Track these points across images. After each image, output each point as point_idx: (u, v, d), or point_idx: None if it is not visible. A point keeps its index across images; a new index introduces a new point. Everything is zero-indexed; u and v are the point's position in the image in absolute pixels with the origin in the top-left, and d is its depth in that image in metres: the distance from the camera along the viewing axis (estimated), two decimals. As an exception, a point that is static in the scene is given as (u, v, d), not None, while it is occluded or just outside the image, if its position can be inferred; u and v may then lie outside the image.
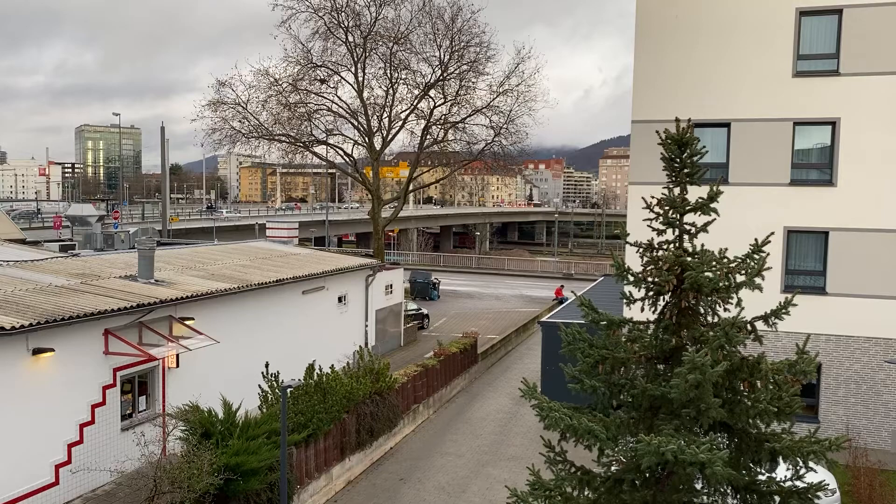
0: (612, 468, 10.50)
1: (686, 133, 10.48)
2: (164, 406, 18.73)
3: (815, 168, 21.99)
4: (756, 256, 10.26)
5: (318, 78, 45.04)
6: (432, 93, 45.75)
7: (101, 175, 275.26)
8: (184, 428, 15.84)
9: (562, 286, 53.82)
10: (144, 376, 18.93)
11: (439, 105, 46.39)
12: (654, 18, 22.68)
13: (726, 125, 22.13)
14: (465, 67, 45.15)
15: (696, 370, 9.10)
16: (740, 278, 10.18)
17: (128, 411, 18.35)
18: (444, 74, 44.89)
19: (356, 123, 46.20)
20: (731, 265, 10.22)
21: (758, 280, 10.10)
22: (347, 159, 48.64)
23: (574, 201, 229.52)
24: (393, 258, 74.05)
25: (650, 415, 10.30)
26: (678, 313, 10.37)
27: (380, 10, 43.61)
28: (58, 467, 16.08)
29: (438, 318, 44.72)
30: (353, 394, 20.16)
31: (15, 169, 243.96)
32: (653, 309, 10.64)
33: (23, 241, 34.16)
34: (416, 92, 45.86)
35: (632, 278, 10.67)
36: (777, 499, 10.29)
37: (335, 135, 47.38)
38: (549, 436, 10.84)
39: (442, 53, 44.45)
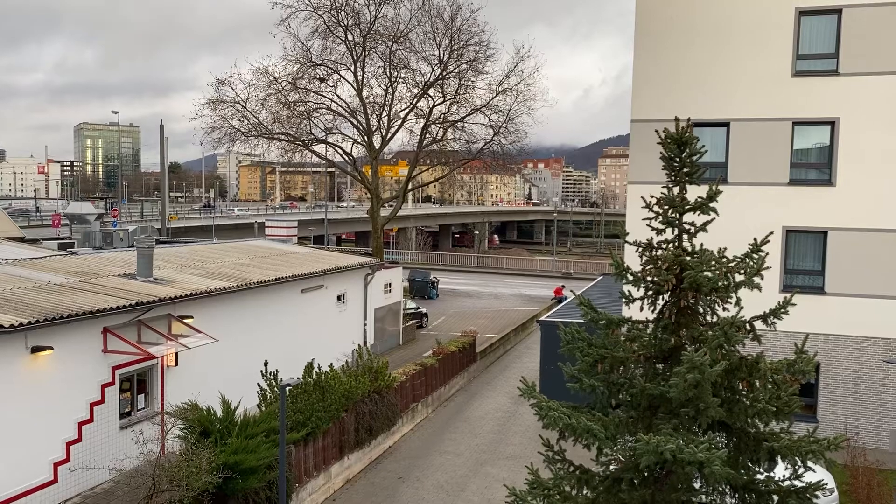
0: (611, 467, 10.51)
1: (685, 132, 10.49)
2: (162, 404, 18.73)
3: (814, 168, 22.00)
4: (755, 256, 10.27)
5: (318, 76, 45.04)
6: (431, 91, 45.79)
7: (100, 173, 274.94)
8: (182, 426, 15.84)
9: (562, 286, 53.59)
10: (143, 374, 18.92)
11: (438, 104, 46.45)
12: (654, 18, 22.67)
13: (725, 125, 22.14)
14: (464, 66, 45.19)
15: (694, 369, 9.10)
16: (739, 278, 10.19)
17: (126, 410, 18.35)
18: (444, 73, 44.91)
19: (355, 122, 46.22)
20: (730, 265, 10.23)
21: (757, 279, 10.10)
22: (346, 158, 48.65)
23: (573, 200, 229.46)
24: (392, 257, 74.06)
25: (649, 414, 10.30)
26: (677, 312, 10.37)
27: (379, 9, 43.66)
28: (56, 465, 16.07)
29: (437, 317, 44.72)
30: (352, 392, 20.16)
31: (14, 167, 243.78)
32: (652, 308, 10.65)
33: (21, 239, 34.14)
34: (416, 91, 45.92)
35: (631, 277, 10.68)
36: (775, 498, 10.30)
37: (334, 133, 47.44)
38: (547, 435, 10.85)
39: (441, 52, 44.50)
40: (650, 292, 10.57)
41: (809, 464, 10.08)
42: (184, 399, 16.71)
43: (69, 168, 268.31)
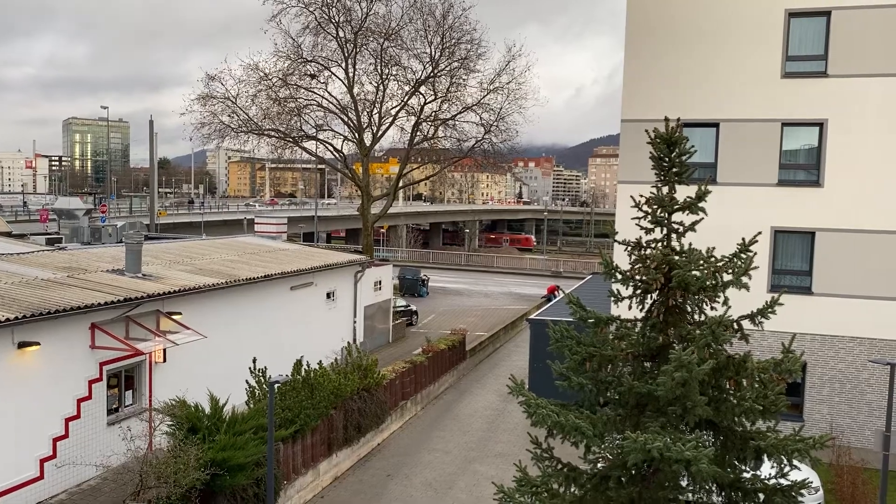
0: (599, 465, 10.54)
1: (675, 132, 10.54)
2: (150, 401, 18.65)
3: (803, 169, 22.13)
4: (743, 256, 10.32)
5: (309, 73, 44.94)
6: (423, 89, 45.75)
7: (89, 168, 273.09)
8: (170, 423, 15.79)
9: (556, 286, 53.30)
10: (131, 371, 18.85)
11: (430, 102, 46.42)
12: (644, 18, 22.72)
13: (715, 125, 22.23)
14: (455, 64, 45.18)
15: (682, 368, 9.15)
16: (727, 277, 10.24)
17: (114, 406, 18.27)
18: (435, 71, 44.88)
19: (346, 119, 46.13)
20: (718, 264, 10.28)
21: (745, 279, 10.16)
22: (337, 155, 48.55)
23: (563, 199, 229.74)
24: (382, 255, 73.93)
25: (637, 412, 10.35)
26: (665, 311, 10.42)
27: (371, 6, 43.58)
28: (43, 462, 15.99)
29: (427, 315, 44.73)
30: (341, 390, 20.14)
31: (1, 161, 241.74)
32: (640, 307, 10.69)
33: (8, 234, 33.90)
34: (407, 88, 45.85)
35: (620, 276, 10.72)
36: (761, 496, 10.38)
37: (325, 130, 47.31)
38: (536, 432, 10.88)
39: (433, 50, 44.45)
40: (639, 291, 10.61)
41: (795, 462, 10.16)
42: (172, 395, 16.65)
43: (57, 163, 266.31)
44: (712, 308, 10.43)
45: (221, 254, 27.21)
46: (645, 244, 10.74)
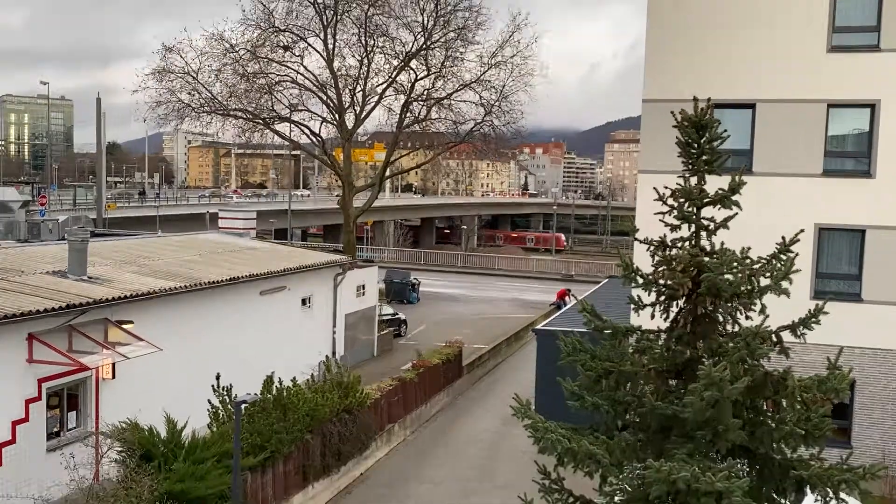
0: (616, 498, 10.56)
1: (705, 114, 10.55)
2: (97, 423, 18.60)
3: (851, 157, 22.21)
4: (783, 257, 10.36)
5: (282, 44, 44.91)
6: (414, 63, 45.77)
7: (26, 153, 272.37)
8: (120, 449, 15.77)
9: (568, 291, 53.19)
10: (75, 388, 18.79)
11: (422, 78, 46.44)
12: (670, -18, 22.76)
13: (751, 106, 22.28)
14: (451, 35, 45.19)
15: (713, 386, 9.17)
16: (765, 282, 10.26)
17: (55, 429, 18.21)
18: (428, 43, 44.89)
19: (325, 98, 46.12)
20: (754, 267, 10.31)
21: (785, 284, 10.18)
22: (314, 139, 48.53)
23: (575, 192, 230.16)
24: (366, 255, 74.00)
25: (660, 437, 10.37)
26: (693, 321, 10.45)
27: (354, -33, 43.57)
28: (-28, 494, 15.94)
29: (418, 325, 44.79)
30: (318, 411, 20.14)
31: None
32: (664, 316, 10.71)
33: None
34: (395, 62, 45.85)
35: (641, 280, 10.73)
36: (803, 534, 10.41)
37: (300, 111, 47.32)
38: (544, 460, 10.89)
39: (425, 18, 44.48)
40: (663, 297, 10.63)
41: (842, 495, 10.18)
42: (122, 417, 16.62)
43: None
44: (747, 317, 10.46)
45: (180, 253, 27.20)
46: (670, 243, 10.76)
